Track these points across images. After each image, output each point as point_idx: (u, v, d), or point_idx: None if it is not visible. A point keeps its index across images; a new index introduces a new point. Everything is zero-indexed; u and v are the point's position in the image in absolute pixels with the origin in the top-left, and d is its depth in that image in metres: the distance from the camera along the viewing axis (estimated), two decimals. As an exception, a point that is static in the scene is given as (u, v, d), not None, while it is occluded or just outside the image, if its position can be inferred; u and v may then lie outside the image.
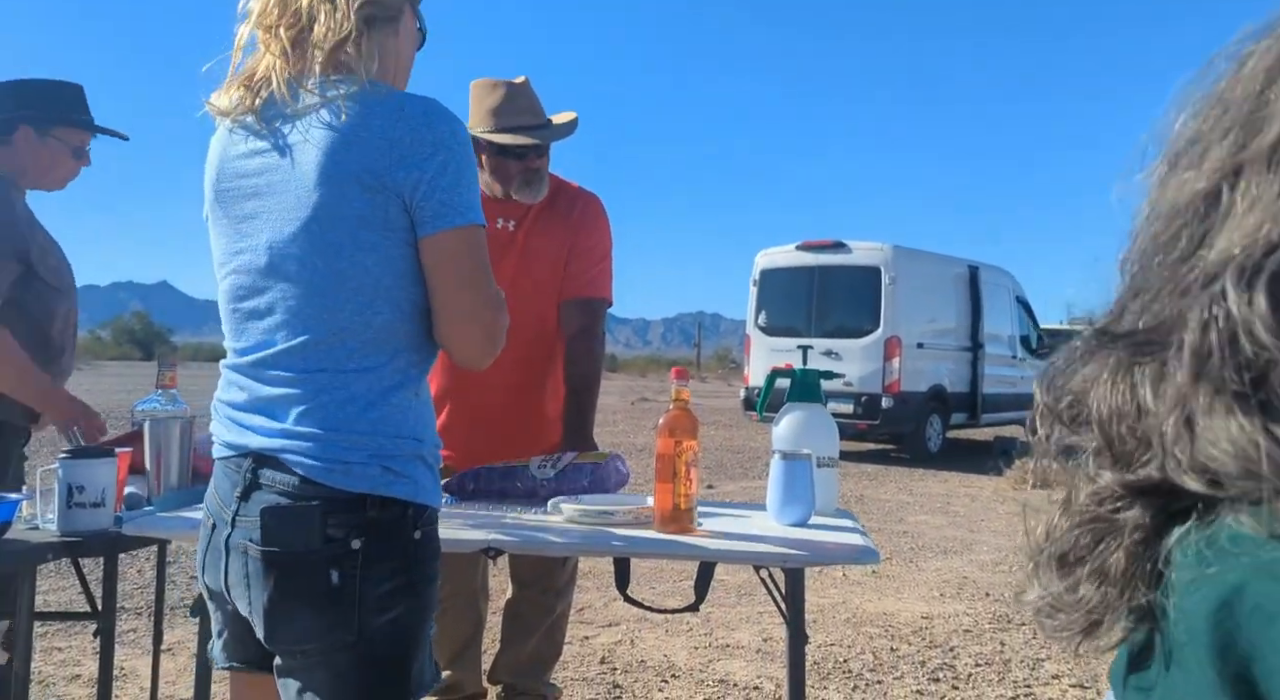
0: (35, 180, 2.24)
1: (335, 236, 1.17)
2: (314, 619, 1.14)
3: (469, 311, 1.23)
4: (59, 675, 3.11)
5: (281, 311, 1.20)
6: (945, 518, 6.84)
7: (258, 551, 1.15)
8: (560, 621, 2.51)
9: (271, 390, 1.21)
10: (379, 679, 1.16)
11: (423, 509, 1.21)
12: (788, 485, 1.79)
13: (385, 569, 1.16)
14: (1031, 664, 3.53)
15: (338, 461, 1.16)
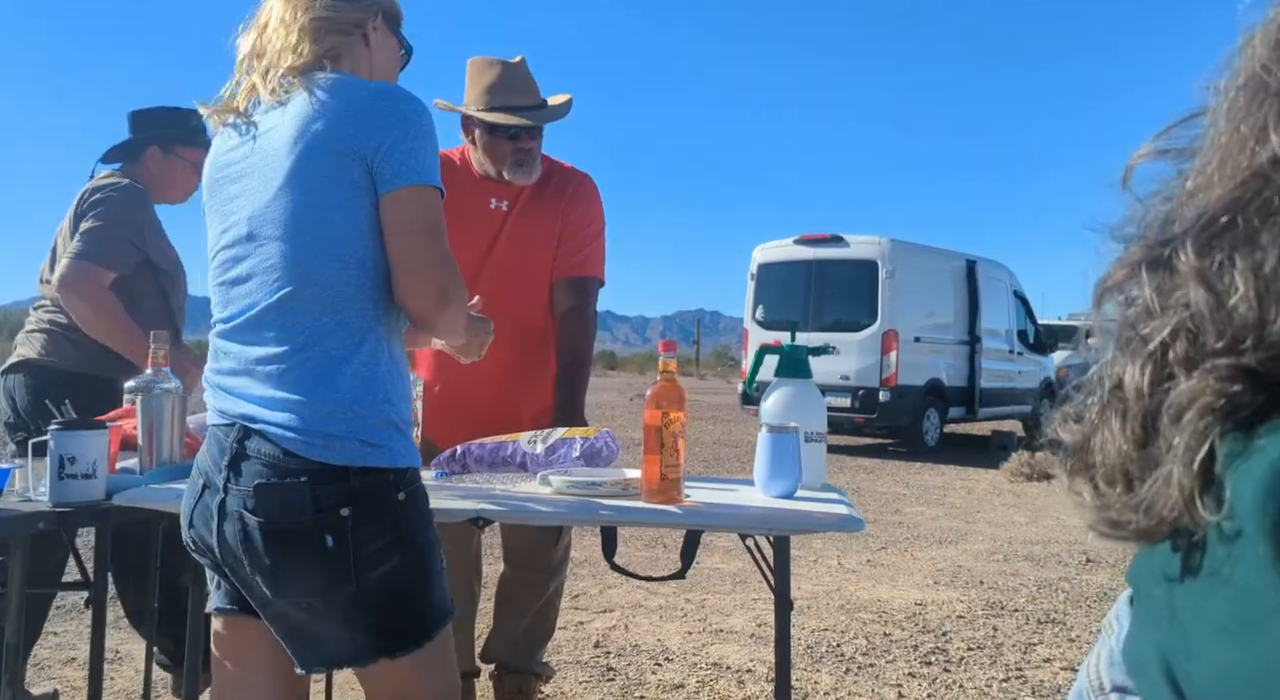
0: (161, 195, 2.61)
1: (305, 197, 1.26)
2: (315, 577, 1.23)
3: (420, 264, 1.28)
4: (55, 658, 3.13)
5: (261, 273, 1.28)
6: (941, 509, 6.86)
7: (254, 522, 1.24)
8: (552, 602, 2.52)
9: (255, 351, 1.28)
10: (387, 617, 1.27)
11: (403, 472, 1.30)
12: (774, 458, 1.80)
13: (375, 529, 1.26)
14: (1024, 648, 3.55)
15: (318, 434, 1.24)
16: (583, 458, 1.93)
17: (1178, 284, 0.42)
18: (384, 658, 1.27)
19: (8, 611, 1.54)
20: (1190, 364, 0.41)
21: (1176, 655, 0.41)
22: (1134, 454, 0.43)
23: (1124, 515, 0.44)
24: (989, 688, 3.09)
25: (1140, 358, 0.43)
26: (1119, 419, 0.44)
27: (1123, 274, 0.46)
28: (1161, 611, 0.44)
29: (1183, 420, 0.40)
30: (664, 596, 4.15)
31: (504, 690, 2.46)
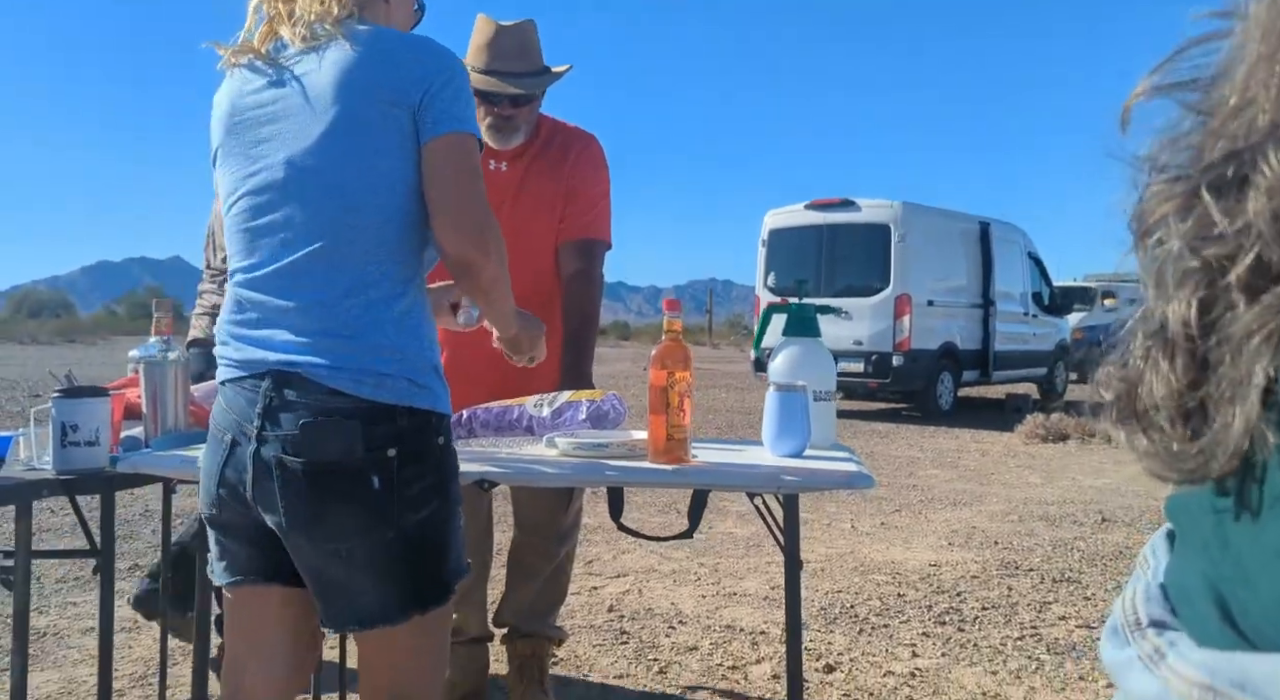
0: None
1: (351, 145, 1.24)
2: (356, 519, 1.23)
3: (461, 205, 1.27)
4: (74, 628, 3.16)
5: (300, 221, 1.26)
6: (955, 471, 6.84)
7: (298, 463, 1.22)
8: (564, 567, 2.52)
9: (288, 302, 1.26)
10: (415, 567, 1.27)
11: (441, 417, 1.32)
12: (782, 417, 1.78)
13: (416, 472, 1.26)
14: (1039, 607, 3.54)
15: (368, 373, 1.23)
16: (589, 420, 1.91)
17: (1247, 203, 0.39)
18: (416, 613, 1.27)
19: (15, 577, 1.54)
20: (1254, 290, 0.38)
21: (1229, 584, 0.39)
22: (1187, 392, 0.41)
23: (1183, 460, 0.42)
24: (1003, 646, 3.09)
25: (1188, 288, 0.40)
26: (1166, 358, 0.42)
27: (1177, 203, 0.42)
28: (1210, 541, 0.42)
29: (1244, 353, 0.37)
30: (677, 561, 4.15)
31: (517, 654, 2.47)
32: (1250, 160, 0.39)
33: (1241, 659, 0.36)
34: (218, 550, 1.36)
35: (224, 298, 1.57)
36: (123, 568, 3.86)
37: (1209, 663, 0.38)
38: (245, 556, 1.34)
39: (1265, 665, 0.35)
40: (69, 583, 3.64)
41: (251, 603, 1.36)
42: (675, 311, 1.73)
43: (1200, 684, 0.38)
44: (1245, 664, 0.36)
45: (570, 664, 2.88)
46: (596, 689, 2.70)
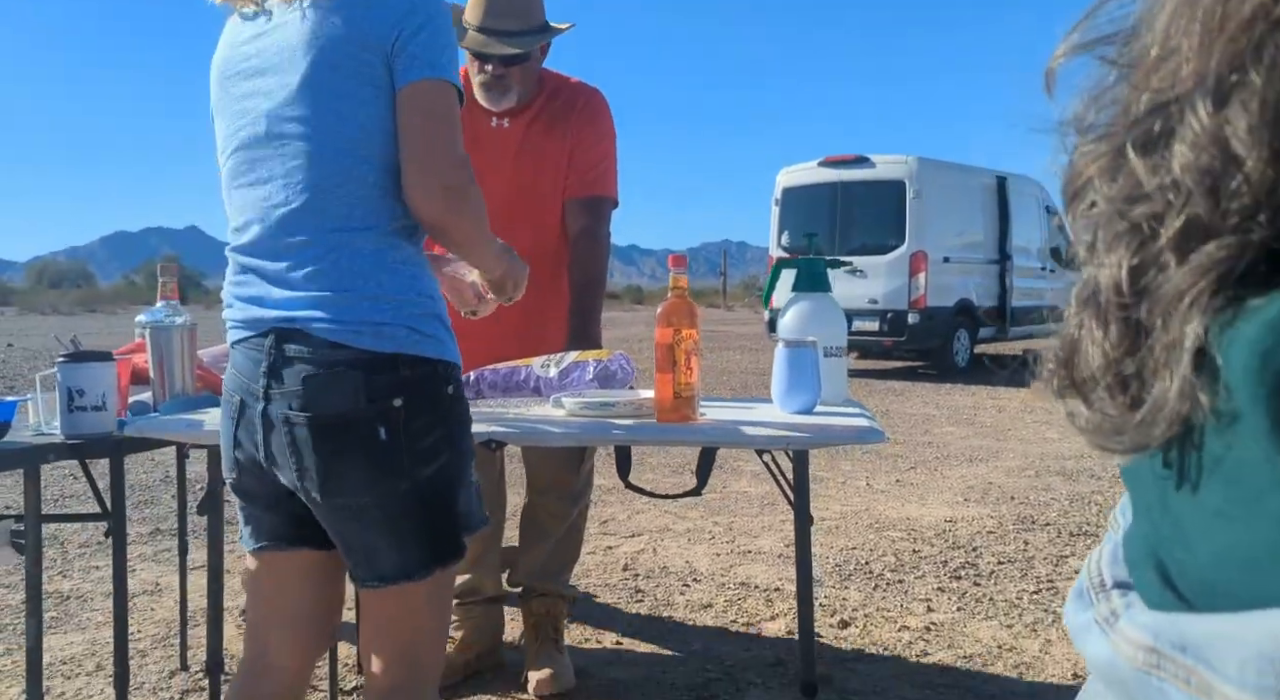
0: None
1: (328, 94, 1.21)
2: (367, 472, 1.21)
3: (426, 158, 1.22)
4: (97, 591, 3.20)
5: (282, 174, 1.24)
6: (971, 428, 6.81)
7: (303, 418, 1.21)
8: (577, 525, 2.52)
9: (280, 261, 1.24)
10: (430, 521, 1.25)
11: (449, 366, 1.28)
12: (792, 373, 1.75)
13: (425, 423, 1.24)
14: (1055, 560, 3.53)
15: (366, 323, 1.21)
16: (596, 380, 1.89)
17: (1173, 159, 0.37)
18: (437, 569, 1.25)
19: (26, 540, 1.55)
20: (1184, 250, 0.36)
21: (1167, 546, 0.39)
22: (1123, 360, 0.40)
23: (1124, 431, 0.40)
24: (1019, 600, 3.08)
25: (1118, 252, 0.39)
26: (1101, 326, 0.40)
27: (1103, 163, 0.41)
28: (1153, 504, 0.41)
29: (1175, 316, 0.36)
30: (692, 520, 4.16)
31: (532, 613, 2.48)
32: (1176, 113, 0.37)
33: (1181, 620, 0.36)
34: (243, 516, 1.36)
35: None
36: (144, 532, 3.91)
37: (1152, 625, 0.38)
38: (268, 522, 1.34)
39: (1202, 626, 0.34)
40: (91, 547, 3.69)
41: (275, 568, 1.36)
42: (681, 268, 1.71)
43: (1144, 646, 0.38)
44: (1184, 626, 0.36)
45: (585, 622, 2.89)
46: (611, 647, 2.72)
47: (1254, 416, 0.33)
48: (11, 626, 2.89)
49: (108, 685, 2.46)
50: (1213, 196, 0.35)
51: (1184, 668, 0.34)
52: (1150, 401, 0.38)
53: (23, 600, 3.06)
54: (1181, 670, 0.35)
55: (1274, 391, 0.32)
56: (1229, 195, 0.35)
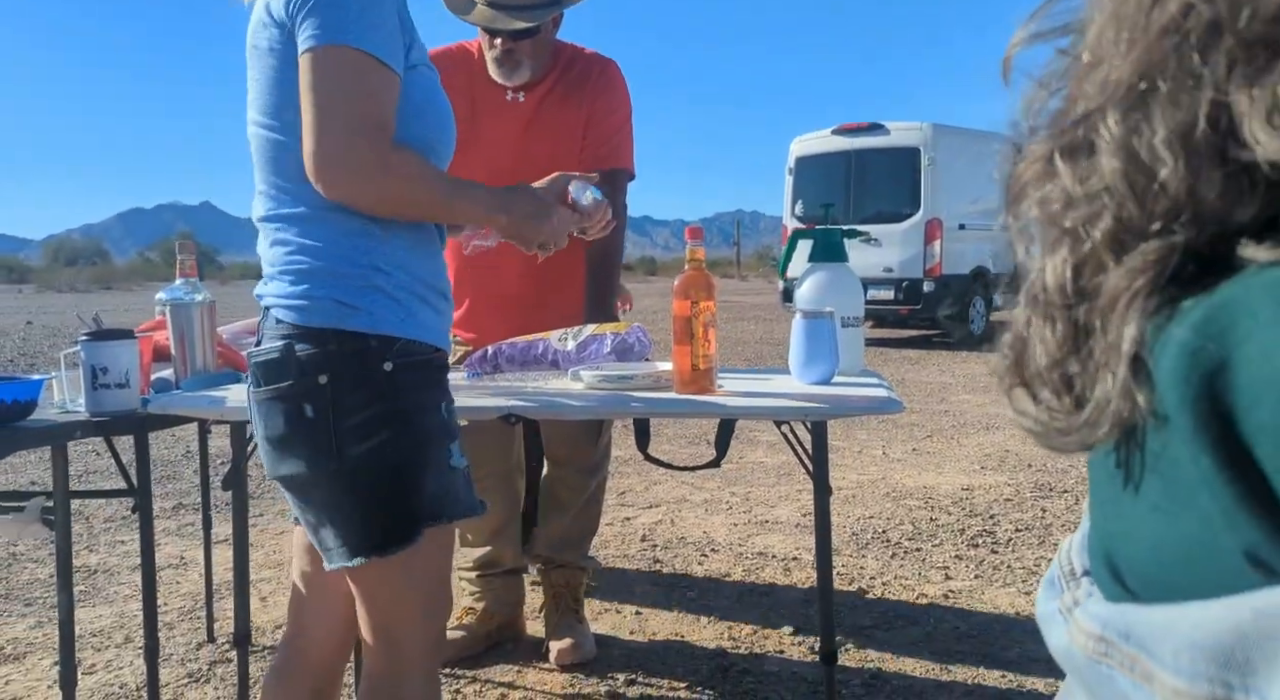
0: None
1: (254, 80, 1.24)
2: (297, 451, 1.20)
3: (307, 140, 1.16)
4: (123, 565, 3.26)
5: (252, 155, 1.28)
6: (988, 396, 6.79)
7: (250, 394, 1.25)
8: (595, 497, 2.53)
9: (260, 247, 1.29)
10: (373, 503, 1.20)
11: (389, 340, 1.21)
12: (809, 344, 1.75)
13: (357, 399, 1.19)
14: (1073, 528, 3.52)
15: (297, 297, 1.21)
16: (614, 353, 1.90)
17: (1097, 166, 0.38)
18: (373, 556, 1.19)
19: (56, 515, 1.57)
20: (1118, 250, 0.37)
21: (1116, 540, 0.40)
22: (1067, 358, 0.41)
23: (1069, 431, 0.41)
24: (1038, 567, 3.09)
25: (1060, 252, 0.40)
26: (1047, 325, 0.41)
27: (1036, 169, 0.42)
28: (1105, 498, 0.42)
29: (1113, 316, 0.37)
30: (709, 491, 4.18)
31: (552, 584, 2.50)
32: (1094, 125, 0.38)
33: (1127, 611, 0.37)
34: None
35: None
36: (167, 507, 3.96)
37: (1102, 615, 0.39)
38: None
39: (1143, 616, 0.36)
40: (117, 522, 3.74)
41: (308, 541, 1.36)
42: (698, 240, 1.70)
43: (1094, 635, 0.39)
44: (1129, 616, 0.37)
45: (604, 593, 2.92)
46: (631, 617, 2.75)
47: (1181, 417, 0.34)
48: (41, 600, 2.95)
49: (137, 657, 2.51)
50: (1136, 201, 0.36)
51: (1128, 656, 0.36)
52: (1093, 402, 0.39)
53: (50, 574, 3.12)
54: (1126, 658, 0.36)
55: (1200, 394, 0.33)
56: (1150, 200, 0.36)
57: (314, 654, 1.39)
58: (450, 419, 1.28)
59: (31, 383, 1.54)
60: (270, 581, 3.06)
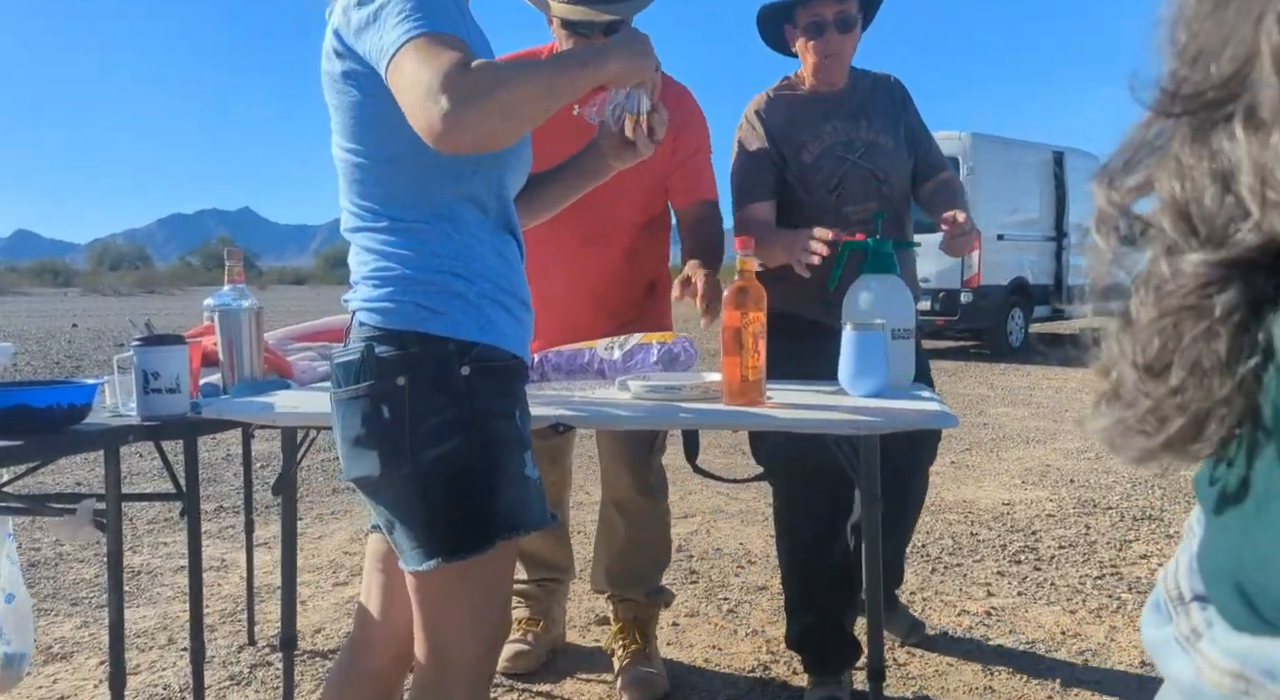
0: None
1: (335, 88, 1.24)
2: (371, 452, 1.21)
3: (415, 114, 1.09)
4: (166, 567, 3.29)
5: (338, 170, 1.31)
6: (1028, 409, 6.69)
7: (331, 395, 1.27)
8: (660, 524, 2.40)
9: (350, 258, 1.33)
10: (445, 508, 1.20)
11: (468, 345, 1.21)
12: (860, 356, 1.73)
13: (433, 403, 1.20)
14: (1118, 545, 3.46)
15: (381, 300, 1.23)
16: (660, 363, 1.89)
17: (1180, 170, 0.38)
18: (439, 560, 1.19)
19: (108, 519, 1.59)
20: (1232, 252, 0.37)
21: (1247, 567, 0.38)
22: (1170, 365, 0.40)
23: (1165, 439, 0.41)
24: (1083, 585, 3.03)
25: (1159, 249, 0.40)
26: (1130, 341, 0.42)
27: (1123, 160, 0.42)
28: (1231, 524, 0.40)
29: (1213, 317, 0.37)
30: (744, 501, 4.15)
31: (619, 617, 2.38)
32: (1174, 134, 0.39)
33: (1269, 646, 0.35)
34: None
35: None
36: (209, 510, 4.01)
37: (1239, 650, 0.37)
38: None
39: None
40: (159, 524, 3.79)
41: (379, 549, 1.38)
42: (747, 250, 1.69)
43: (1231, 672, 0.36)
44: (1272, 651, 0.34)
45: (642, 602, 2.90)
46: (668, 628, 2.73)
47: None
48: (88, 599, 2.99)
49: (180, 658, 2.53)
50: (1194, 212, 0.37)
51: (1274, 696, 0.34)
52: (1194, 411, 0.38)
53: (96, 574, 3.16)
54: (1271, 698, 0.34)
55: None
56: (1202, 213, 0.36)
57: (376, 661, 1.38)
58: (524, 428, 1.28)
59: (86, 387, 1.56)
60: (310, 585, 3.08)
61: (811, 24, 2.13)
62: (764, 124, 2.24)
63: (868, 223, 2.13)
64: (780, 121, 2.23)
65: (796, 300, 2.24)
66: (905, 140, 2.27)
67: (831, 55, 2.15)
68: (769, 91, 2.29)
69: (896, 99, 2.30)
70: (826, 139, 2.21)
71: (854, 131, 2.22)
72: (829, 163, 2.20)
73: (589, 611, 2.84)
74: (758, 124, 2.25)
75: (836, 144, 2.21)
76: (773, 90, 2.29)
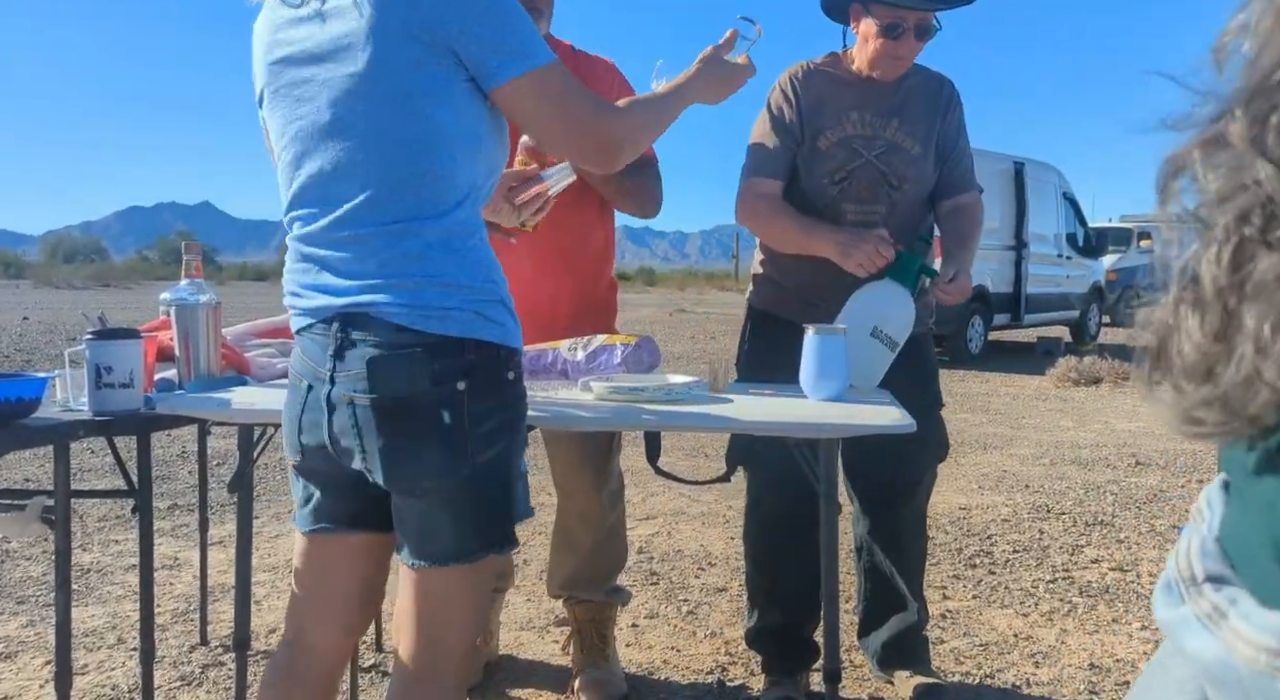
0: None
1: (395, 88, 1.18)
2: (430, 457, 1.21)
3: (564, 137, 1.31)
4: (116, 565, 3.23)
5: (347, 167, 1.22)
6: (986, 416, 6.79)
7: (367, 400, 1.21)
8: (617, 529, 2.37)
9: (345, 251, 1.24)
10: (488, 508, 1.25)
11: (511, 352, 1.28)
12: (820, 360, 1.74)
13: (487, 408, 1.24)
14: (1071, 550, 3.52)
15: (434, 308, 1.22)
16: (624, 364, 1.89)
17: (1239, 160, 0.38)
18: (492, 553, 1.26)
19: (56, 516, 1.56)
20: (1271, 242, 0.37)
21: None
22: (1213, 347, 0.40)
23: (1204, 411, 0.41)
24: (1035, 588, 3.08)
25: (1214, 244, 0.39)
26: (1195, 313, 0.41)
27: (1180, 160, 0.42)
28: (1275, 498, 0.40)
29: (1261, 297, 0.37)
30: (706, 503, 4.16)
31: (576, 619, 2.35)
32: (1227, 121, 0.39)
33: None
34: (303, 496, 1.37)
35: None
36: (161, 507, 3.94)
37: (1275, 626, 0.37)
38: (329, 504, 1.34)
39: None
40: (110, 521, 3.72)
41: (327, 550, 1.36)
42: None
43: (1268, 649, 0.37)
44: None
45: (602, 604, 2.90)
46: (627, 630, 2.73)
47: None
48: (34, 598, 2.92)
49: (129, 658, 2.48)
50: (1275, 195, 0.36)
51: None
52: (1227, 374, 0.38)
53: (43, 572, 3.09)
54: None
55: None
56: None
57: (314, 659, 1.37)
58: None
59: (36, 380, 1.52)
60: (265, 585, 3.04)
61: (893, 24, 2.02)
62: (797, 96, 2.13)
63: (866, 225, 2.08)
64: (812, 99, 2.12)
65: (778, 301, 2.25)
66: (936, 148, 2.16)
67: (900, 58, 2.06)
68: (809, 63, 2.17)
69: (940, 103, 2.16)
70: (847, 129, 2.11)
71: (880, 128, 2.11)
72: (841, 153, 2.10)
73: (548, 612, 2.83)
74: (791, 95, 2.13)
75: (856, 136, 2.10)
76: (814, 64, 2.17)
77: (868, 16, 2.05)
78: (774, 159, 2.13)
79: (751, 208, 2.15)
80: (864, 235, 1.99)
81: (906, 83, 2.15)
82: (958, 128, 2.19)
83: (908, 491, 2.30)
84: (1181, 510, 4.13)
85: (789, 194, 2.16)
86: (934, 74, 2.20)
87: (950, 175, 2.19)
